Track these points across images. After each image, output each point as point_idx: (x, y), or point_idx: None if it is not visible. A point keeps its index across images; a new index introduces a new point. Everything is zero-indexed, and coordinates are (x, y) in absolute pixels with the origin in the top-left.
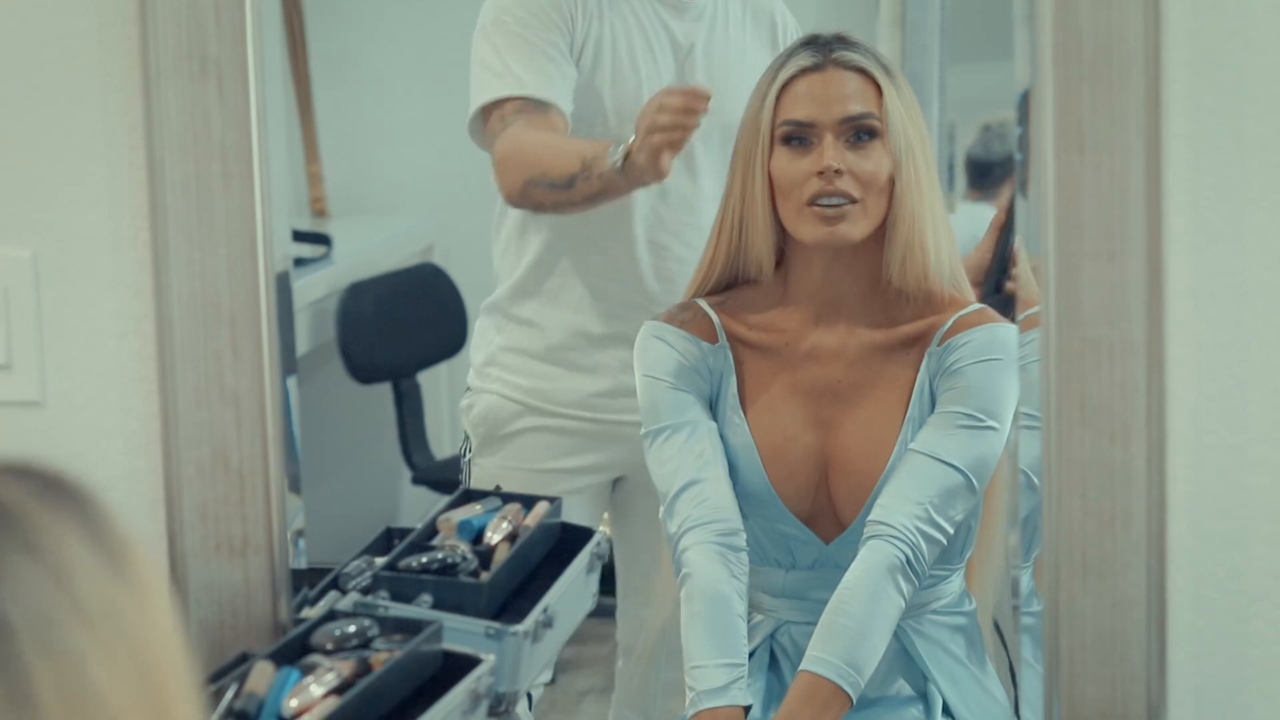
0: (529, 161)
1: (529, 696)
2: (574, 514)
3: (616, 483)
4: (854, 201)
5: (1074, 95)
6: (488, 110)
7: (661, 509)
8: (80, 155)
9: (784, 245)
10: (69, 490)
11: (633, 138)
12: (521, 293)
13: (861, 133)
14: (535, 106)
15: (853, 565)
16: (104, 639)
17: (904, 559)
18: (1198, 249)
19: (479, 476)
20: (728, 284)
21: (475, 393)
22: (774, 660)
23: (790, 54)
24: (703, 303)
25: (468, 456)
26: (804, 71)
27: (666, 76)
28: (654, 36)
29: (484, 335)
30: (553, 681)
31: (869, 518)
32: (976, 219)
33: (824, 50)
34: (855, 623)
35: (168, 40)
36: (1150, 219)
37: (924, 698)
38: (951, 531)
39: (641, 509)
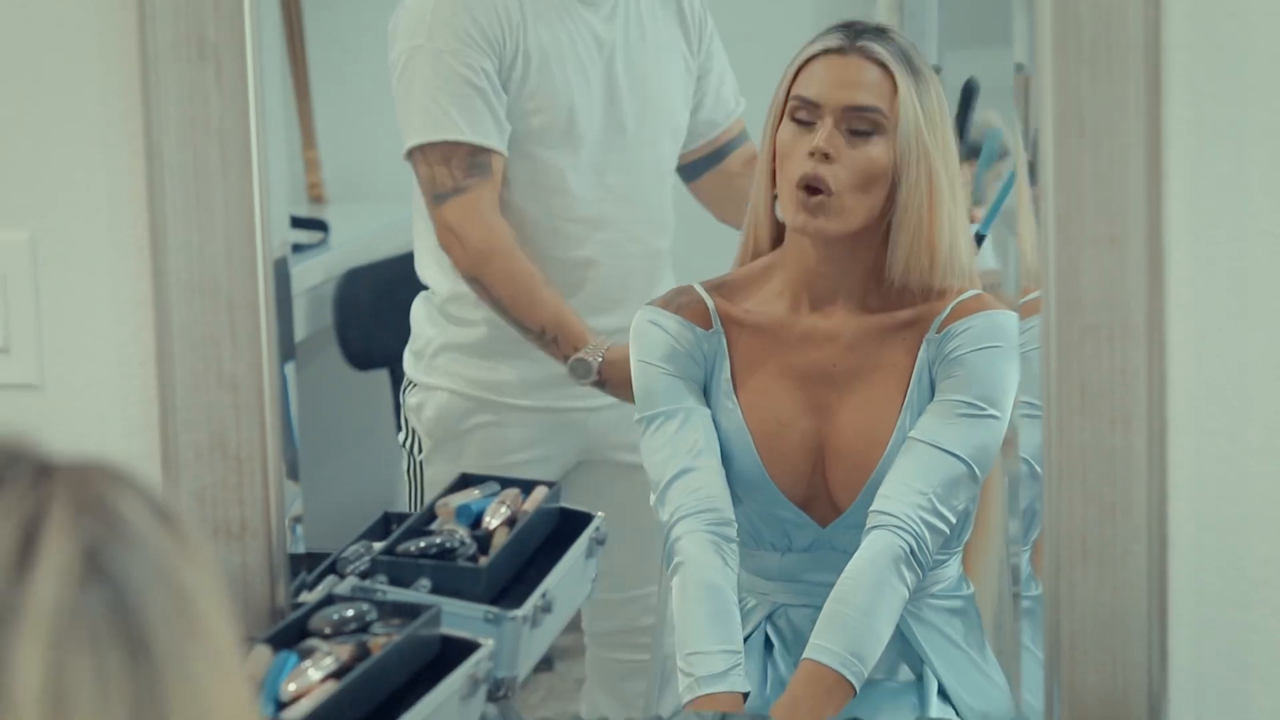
0: (490, 278)
1: None
2: None
3: (576, 468)
4: (830, 194)
5: (1073, 79)
6: (425, 150)
7: (653, 497)
8: (78, 139)
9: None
10: (166, 511)
11: (602, 353)
12: (458, 289)
13: (863, 125)
14: (479, 165)
15: (856, 554)
16: (223, 673)
17: (908, 549)
18: (1198, 233)
19: (431, 479)
20: (759, 255)
21: (423, 389)
22: (769, 644)
23: (823, 33)
24: (699, 287)
25: (419, 456)
26: (827, 52)
27: (595, 78)
28: (579, 39)
29: (421, 326)
30: (550, 668)
31: (872, 508)
32: None
33: (853, 36)
34: (859, 612)
35: (166, 25)
36: (1151, 203)
37: (920, 681)
38: (954, 521)
39: (604, 492)
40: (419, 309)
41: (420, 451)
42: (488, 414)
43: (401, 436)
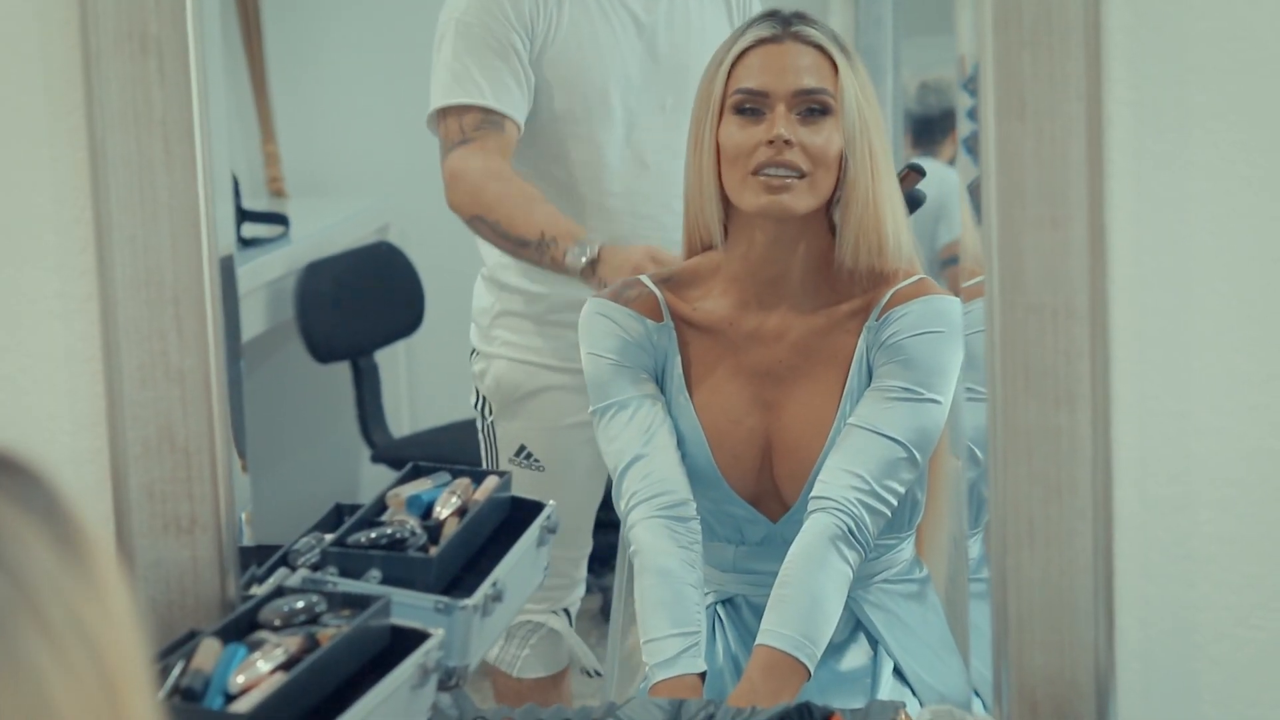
0: (486, 204)
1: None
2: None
3: None
4: (801, 175)
5: (1014, 62)
6: (445, 111)
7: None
8: (21, 136)
9: (729, 221)
10: (23, 474)
11: (598, 245)
12: (509, 261)
13: (814, 108)
14: (492, 122)
15: (797, 539)
16: (63, 649)
17: (845, 528)
18: (1140, 216)
19: (504, 438)
20: (706, 248)
21: (484, 357)
22: (721, 626)
23: (749, 25)
24: (647, 280)
25: (489, 419)
26: (761, 42)
27: (630, 57)
28: (615, 17)
29: (482, 298)
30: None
31: (810, 494)
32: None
33: (783, 24)
34: (805, 594)
35: (108, 19)
36: (1092, 185)
37: (875, 662)
38: (894, 502)
39: None
40: (479, 283)
41: (490, 414)
42: (545, 379)
43: (473, 400)
